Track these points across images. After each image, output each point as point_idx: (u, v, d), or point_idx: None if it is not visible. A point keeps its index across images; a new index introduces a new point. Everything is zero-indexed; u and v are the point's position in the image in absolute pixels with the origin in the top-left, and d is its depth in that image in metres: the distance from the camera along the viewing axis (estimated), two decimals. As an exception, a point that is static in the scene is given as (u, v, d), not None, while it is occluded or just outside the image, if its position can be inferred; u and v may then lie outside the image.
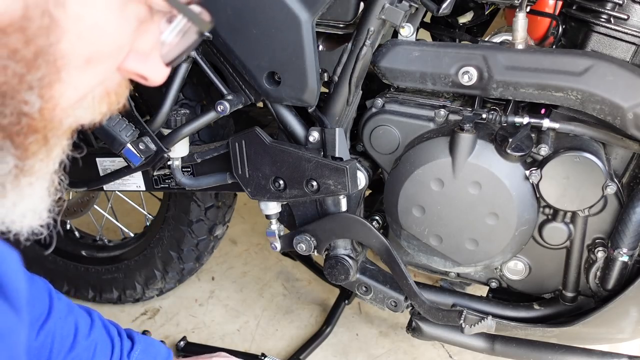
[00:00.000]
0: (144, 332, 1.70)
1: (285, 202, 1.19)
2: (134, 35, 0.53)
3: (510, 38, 1.05)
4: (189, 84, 1.29)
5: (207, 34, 0.57)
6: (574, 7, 1.03)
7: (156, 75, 0.58)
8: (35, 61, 0.47)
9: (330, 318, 1.54)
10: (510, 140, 0.97)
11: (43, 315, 0.94)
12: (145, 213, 1.68)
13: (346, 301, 1.56)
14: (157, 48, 0.56)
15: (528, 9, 1.04)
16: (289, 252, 1.74)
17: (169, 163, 1.21)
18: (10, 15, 0.45)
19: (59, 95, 0.51)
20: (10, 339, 0.42)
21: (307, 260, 1.71)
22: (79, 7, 0.47)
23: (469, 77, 1.01)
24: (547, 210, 1.07)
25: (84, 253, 1.68)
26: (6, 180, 0.51)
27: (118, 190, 1.52)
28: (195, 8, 0.54)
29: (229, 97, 1.10)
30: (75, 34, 0.48)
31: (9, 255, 0.43)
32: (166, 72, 0.59)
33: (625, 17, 0.97)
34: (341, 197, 1.14)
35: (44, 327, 0.93)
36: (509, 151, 0.97)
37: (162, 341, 1.67)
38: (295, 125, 1.10)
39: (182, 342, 1.54)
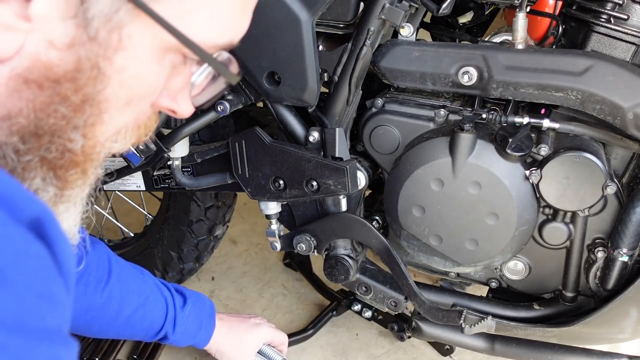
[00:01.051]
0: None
1: (285, 202, 1.19)
2: (168, 78, 0.59)
3: (510, 38, 1.05)
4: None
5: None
6: (574, 7, 1.03)
7: (184, 111, 0.64)
8: (82, 106, 0.53)
9: (315, 322, 1.53)
10: (510, 140, 0.97)
11: (104, 278, 1.05)
12: (145, 213, 1.68)
13: (334, 312, 1.56)
14: (187, 87, 0.62)
15: (528, 9, 1.04)
16: (290, 262, 1.76)
17: (168, 163, 1.21)
18: (64, 67, 0.51)
19: (100, 133, 0.57)
20: (63, 308, 0.48)
21: (307, 273, 1.72)
22: (123, 60, 0.53)
23: (469, 77, 1.01)
24: (547, 210, 1.07)
25: (84, 253, 1.68)
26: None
27: (118, 190, 1.52)
28: (225, 57, 0.60)
29: (229, 97, 1.10)
30: (118, 82, 0.54)
31: (64, 240, 0.50)
32: (192, 108, 0.64)
33: (625, 17, 0.97)
34: (341, 197, 1.14)
35: (106, 288, 1.05)
36: (509, 151, 0.97)
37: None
38: (295, 125, 1.10)
39: None
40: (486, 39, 1.13)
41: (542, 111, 1.05)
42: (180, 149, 1.19)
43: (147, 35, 0.53)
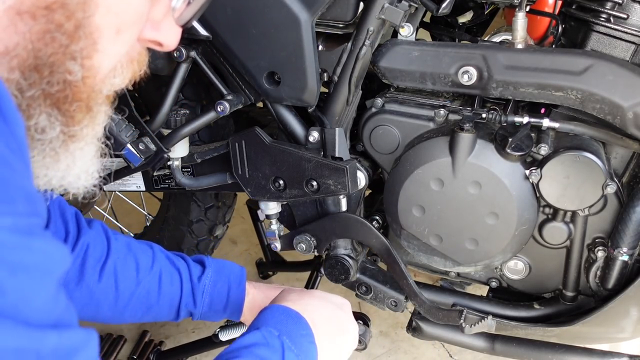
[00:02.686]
0: (143, 332, 1.70)
1: (285, 202, 1.19)
2: (149, 5, 0.60)
3: (509, 37, 1.05)
4: (188, 84, 1.29)
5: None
6: (573, 7, 1.03)
7: (170, 40, 0.65)
8: (76, 33, 0.55)
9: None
10: (510, 139, 0.97)
11: (103, 257, 0.99)
12: (145, 213, 1.69)
13: (320, 273, 1.47)
14: (169, 15, 0.63)
15: (528, 8, 1.04)
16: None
17: (168, 163, 1.21)
18: None
19: (97, 65, 0.58)
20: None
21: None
22: None
23: (468, 76, 1.01)
24: (547, 210, 1.07)
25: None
26: (56, 146, 0.58)
27: (118, 191, 1.52)
28: None
29: (229, 97, 1.10)
30: (105, 7, 0.56)
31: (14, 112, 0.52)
32: (178, 36, 0.66)
33: (625, 16, 0.97)
34: (341, 197, 1.14)
35: (105, 267, 0.98)
36: (509, 151, 0.97)
37: (161, 341, 1.69)
38: (295, 125, 1.10)
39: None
40: (486, 39, 1.13)
41: (542, 111, 1.05)
42: (180, 149, 1.19)
43: None
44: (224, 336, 1.33)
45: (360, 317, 1.10)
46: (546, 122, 1.01)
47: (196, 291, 1.04)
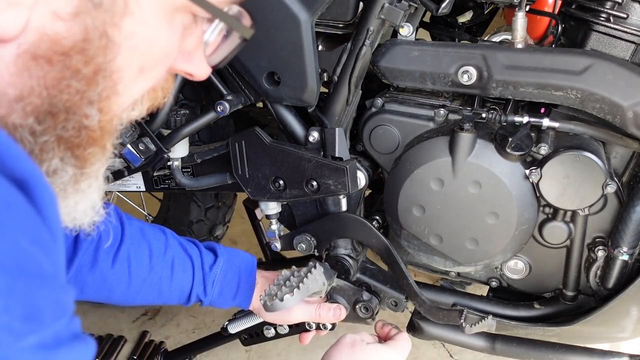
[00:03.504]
0: (144, 332, 1.70)
1: (285, 202, 1.19)
2: (180, 40, 0.57)
3: (509, 37, 1.05)
4: (188, 84, 1.29)
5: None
6: (573, 6, 1.03)
7: (201, 72, 0.62)
8: (95, 78, 0.52)
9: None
10: (510, 139, 0.97)
11: (117, 242, 0.99)
12: (145, 213, 1.68)
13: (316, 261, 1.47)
14: (201, 47, 0.60)
15: (527, 8, 1.04)
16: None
17: (168, 163, 1.21)
18: (72, 39, 0.49)
19: (116, 106, 0.55)
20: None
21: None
22: (131, 25, 0.51)
23: (468, 76, 1.01)
24: (547, 210, 1.07)
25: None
26: (67, 185, 0.55)
27: (118, 191, 1.52)
28: (236, 11, 0.58)
29: (229, 98, 1.10)
30: (128, 49, 0.52)
31: (50, 198, 0.50)
32: (209, 68, 0.63)
33: (625, 15, 0.97)
34: (341, 196, 1.14)
35: (118, 253, 0.98)
36: (508, 150, 0.97)
37: (162, 341, 1.69)
38: (295, 125, 1.10)
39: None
40: (485, 39, 1.13)
41: (542, 110, 1.05)
42: (180, 150, 1.19)
43: None
44: (233, 328, 1.33)
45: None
46: (546, 122, 1.01)
47: (207, 280, 1.05)
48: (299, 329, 1.22)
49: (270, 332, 1.29)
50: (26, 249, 0.44)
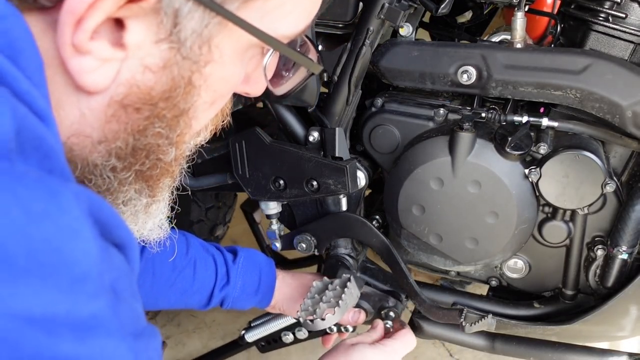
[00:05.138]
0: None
1: (285, 202, 1.19)
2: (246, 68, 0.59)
3: (509, 37, 1.05)
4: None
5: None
6: (572, 6, 1.03)
7: (257, 91, 0.65)
8: (176, 121, 0.54)
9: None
10: (509, 139, 0.97)
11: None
12: (146, 213, 1.69)
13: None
14: (261, 68, 0.61)
15: (527, 8, 1.04)
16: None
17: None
18: (160, 89, 0.51)
19: (188, 139, 0.58)
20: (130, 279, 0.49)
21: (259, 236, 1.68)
22: (211, 69, 0.53)
23: (468, 76, 1.02)
24: (546, 209, 1.07)
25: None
26: (139, 210, 0.58)
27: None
28: (301, 43, 0.62)
29: (229, 98, 1.11)
30: (204, 89, 0.54)
31: (137, 263, 0.52)
32: (264, 86, 0.65)
33: (624, 15, 0.97)
34: (341, 196, 1.14)
35: (144, 252, 0.99)
36: (508, 150, 0.97)
37: (164, 342, 1.69)
38: (295, 125, 1.10)
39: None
40: (485, 38, 1.13)
41: (541, 110, 1.05)
42: (180, 150, 1.19)
43: (232, 40, 0.53)
44: (250, 337, 1.31)
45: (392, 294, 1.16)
46: (545, 121, 1.01)
47: (231, 272, 1.08)
48: (318, 333, 1.21)
49: (289, 338, 1.28)
50: (137, 310, 0.45)
